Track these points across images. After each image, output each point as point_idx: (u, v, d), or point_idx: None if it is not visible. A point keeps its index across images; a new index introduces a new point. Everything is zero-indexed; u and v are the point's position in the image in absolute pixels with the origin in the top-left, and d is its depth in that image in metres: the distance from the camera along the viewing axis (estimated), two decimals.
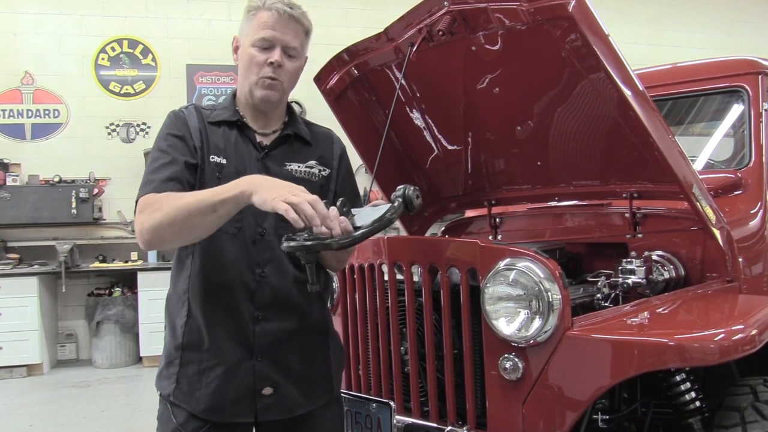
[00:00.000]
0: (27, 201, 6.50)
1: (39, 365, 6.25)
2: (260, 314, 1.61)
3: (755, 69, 2.76)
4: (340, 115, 2.81)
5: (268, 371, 1.62)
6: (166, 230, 1.46)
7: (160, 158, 1.60)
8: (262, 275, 1.61)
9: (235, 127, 1.68)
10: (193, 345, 1.62)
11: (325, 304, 1.79)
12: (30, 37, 7.01)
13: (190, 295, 1.62)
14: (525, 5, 2.05)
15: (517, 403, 1.80)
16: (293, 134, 1.74)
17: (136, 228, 1.51)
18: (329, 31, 7.56)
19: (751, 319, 1.81)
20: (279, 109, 1.74)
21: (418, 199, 1.52)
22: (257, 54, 1.62)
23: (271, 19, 1.61)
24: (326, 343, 1.76)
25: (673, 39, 8.88)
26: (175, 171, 1.56)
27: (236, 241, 1.61)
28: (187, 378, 1.62)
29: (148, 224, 1.48)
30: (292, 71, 1.67)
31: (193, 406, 1.60)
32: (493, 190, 2.94)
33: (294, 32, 1.64)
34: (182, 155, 1.59)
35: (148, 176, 1.58)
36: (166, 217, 1.45)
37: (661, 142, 2.07)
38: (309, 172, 1.72)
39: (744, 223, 2.51)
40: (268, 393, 1.61)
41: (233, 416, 1.61)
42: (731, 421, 1.80)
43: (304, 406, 1.67)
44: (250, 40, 1.63)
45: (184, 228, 1.45)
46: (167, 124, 1.67)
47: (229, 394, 1.59)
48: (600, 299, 2.21)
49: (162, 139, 1.64)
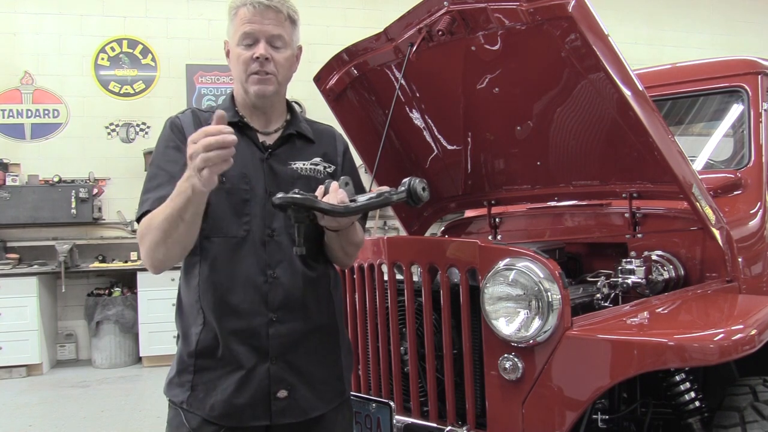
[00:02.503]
0: (26, 201, 6.50)
1: (38, 365, 6.24)
2: (274, 316, 1.60)
3: (755, 69, 2.76)
4: (340, 115, 2.81)
5: (282, 374, 1.60)
6: (158, 252, 1.50)
7: (157, 176, 1.59)
8: (273, 276, 1.60)
9: (236, 129, 1.67)
10: (207, 352, 1.60)
11: (336, 303, 1.76)
12: (29, 37, 7.01)
13: (203, 303, 1.60)
14: (524, 5, 2.05)
15: (517, 403, 1.80)
16: (296, 133, 1.73)
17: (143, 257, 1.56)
18: (329, 31, 7.57)
19: (750, 319, 1.81)
20: (278, 106, 1.73)
21: (424, 191, 1.51)
22: (243, 52, 1.62)
23: (248, 13, 1.61)
24: (337, 343, 1.74)
25: (672, 39, 8.89)
26: (171, 189, 1.55)
27: (245, 244, 1.60)
28: (202, 385, 1.60)
29: (144, 252, 1.53)
30: (282, 62, 1.64)
31: (207, 411, 1.59)
32: (492, 190, 2.94)
33: (274, 21, 1.62)
34: (180, 169, 1.56)
35: (144, 194, 1.59)
36: (152, 242, 1.49)
37: (660, 142, 2.07)
38: (314, 170, 1.72)
39: (743, 223, 2.52)
40: (283, 396, 1.60)
41: (248, 420, 1.59)
42: (731, 421, 1.80)
43: (317, 408, 1.66)
44: (235, 39, 1.63)
45: (168, 244, 1.48)
46: (164, 136, 1.66)
47: (244, 399, 1.58)
48: (600, 299, 2.21)
49: (160, 153, 1.63)
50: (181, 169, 1.57)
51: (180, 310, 1.69)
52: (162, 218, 1.45)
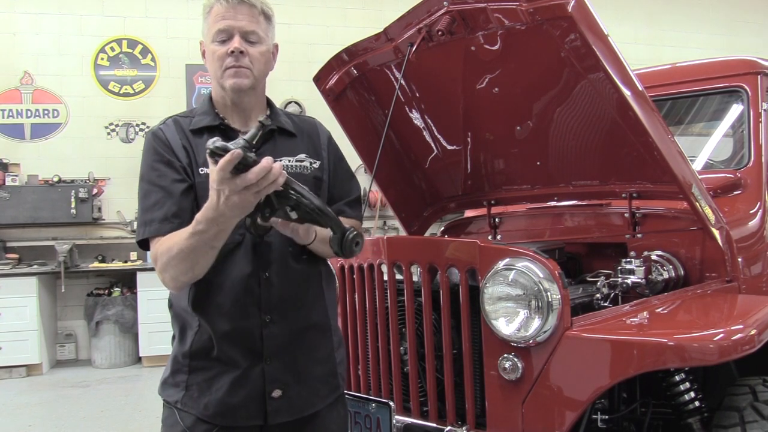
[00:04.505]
0: (26, 201, 6.49)
1: (38, 365, 6.24)
2: (267, 317, 1.60)
3: (754, 69, 2.76)
4: (340, 115, 2.81)
5: (277, 373, 1.61)
6: (184, 277, 1.49)
7: (152, 193, 1.58)
8: (266, 278, 1.60)
9: (218, 132, 1.65)
10: (201, 353, 1.60)
11: (328, 299, 1.75)
12: (29, 37, 7.01)
13: (197, 306, 1.60)
14: (524, 5, 2.05)
15: (517, 403, 1.80)
16: (277, 128, 1.71)
17: (160, 279, 1.55)
18: (328, 31, 7.57)
19: (750, 319, 1.81)
20: (257, 102, 1.71)
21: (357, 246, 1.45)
22: (218, 47, 1.61)
23: (221, 9, 1.61)
24: (330, 339, 1.74)
25: (672, 39, 8.89)
26: (171, 207, 1.55)
27: (240, 248, 1.60)
28: (196, 385, 1.60)
29: (168, 279, 1.52)
30: (257, 56, 1.63)
31: (201, 410, 1.59)
32: (492, 190, 2.94)
33: (248, 17, 1.62)
34: (173, 183, 1.57)
35: (145, 214, 1.57)
36: (177, 271, 1.48)
37: (660, 142, 2.07)
38: (300, 166, 1.70)
39: (743, 223, 2.52)
40: (278, 395, 1.60)
41: (243, 420, 1.60)
42: (730, 421, 1.81)
43: (312, 405, 1.66)
44: (210, 36, 1.63)
45: (196, 270, 1.48)
46: (149, 149, 1.63)
47: (238, 399, 1.58)
48: (599, 299, 2.21)
49: (149, 169, 1.61)
50: (174, 182, 1.56)
51: (174, 311, 1.69)
52: (190, 246, 1.42)
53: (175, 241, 1.46)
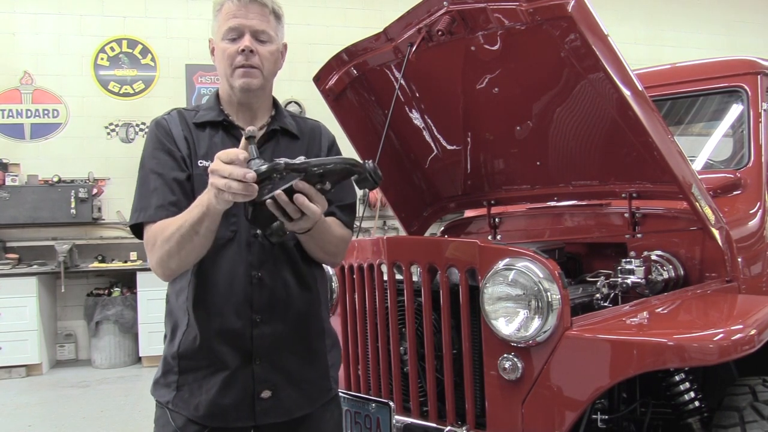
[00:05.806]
0: (26, 201, 6.49)
1: (38, 365, 6.24)
2: (258, 317, 1.59)
3: (754, 69, 2.76)
4: (340, 115, 2.81)
5: (266, 374, 1.60)
6: (171, 262, 1.52)
7: (150, 179, 1.59)
8: (258, 277, 1.60)
9: (220, 128, 1.66)
10: (190, 353, 1.60)
11: (322, 300, 1.75)
12: (29, 37, 7.01)
13: (188, 304, 1.61)
14: (524, 5, 2.05)
15: (517, 403, 1.80)
16: (280, 129, 1.72)
17: (150, 265, 1.58)
18: (328, 31, 7.56)
19: (750, 319, 1.81)
20: (264, 101, 1.72)
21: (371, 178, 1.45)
22: (228, 46, 1.61)
23: (233, 8, 1.60)
24: (323, 341, 1.74)
25: (672, 39, 8.89)
26: (167, 194, 1.56)
27: (232, 245, 1.60)
28: (187, 385, 1.60)
29: (155, 262, 1.55)
30: (267, 55, 1.63)
31: (192, 411, 1.59)
32: (492, 190, 2.94)
33: (259, 16, 1.62)
34: (172, 171, 1.58)
35: (141, 200, 1.59)
36: (164, 253, 1.50)
37: (660, 142, 2.07)
38: None
39: (743, 223, 2.52)
40: (267, 396, 1.60)
41: (233, 420, 1.59)
42: (730, 421, 1.81)
43: (302, 407, 1.66)
44: (220, 35, 1.63)
45: (182, 255, 1.49)
46: (152, 138, 1.65)
47: (228, 400, 1.58)
48: (599, 299, 2.21)
49: (150, 156, 1.63)
50: (172, 171, 1.57)
51: (168, 308, 1.70)
52: (175, 229, 1.46)
53: (167, 224, 1.50)
